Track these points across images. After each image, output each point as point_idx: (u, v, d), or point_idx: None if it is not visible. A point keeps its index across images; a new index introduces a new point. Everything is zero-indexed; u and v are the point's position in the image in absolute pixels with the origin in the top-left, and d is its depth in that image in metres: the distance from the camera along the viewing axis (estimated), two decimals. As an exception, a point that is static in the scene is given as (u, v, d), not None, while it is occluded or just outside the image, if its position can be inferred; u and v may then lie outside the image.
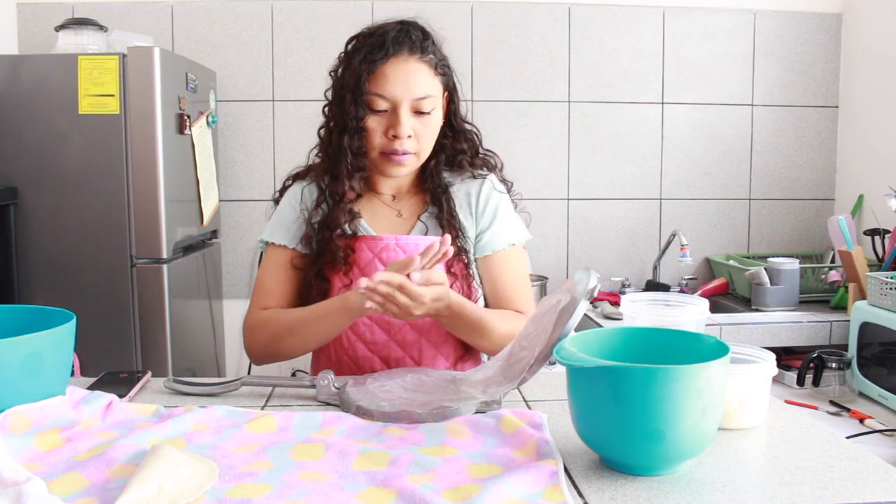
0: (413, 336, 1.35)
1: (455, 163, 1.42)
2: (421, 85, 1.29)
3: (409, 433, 0.96)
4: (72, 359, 1.05)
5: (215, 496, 0.78)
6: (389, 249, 1.34)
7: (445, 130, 1.40)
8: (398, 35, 1.29)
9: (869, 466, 0.87)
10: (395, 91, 1.28)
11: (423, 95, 1.29)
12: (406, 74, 1.28)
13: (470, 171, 1.43)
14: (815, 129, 2.90)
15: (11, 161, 2.09)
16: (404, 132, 1.29)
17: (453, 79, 1.38)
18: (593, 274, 1.04)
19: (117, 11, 2.62)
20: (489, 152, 1.46)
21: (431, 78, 1.32)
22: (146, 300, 2.14)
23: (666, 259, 2.79)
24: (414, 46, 1.29)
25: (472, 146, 1.43)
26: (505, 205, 1.45)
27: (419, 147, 1.32)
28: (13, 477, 0.75)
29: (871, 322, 1.97)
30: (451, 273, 1.36)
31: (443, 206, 1.38)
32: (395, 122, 1.29)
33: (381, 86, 1.28)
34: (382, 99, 1.28)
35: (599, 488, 0.82)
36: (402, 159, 1.31)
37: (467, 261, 1.38)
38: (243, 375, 1.19)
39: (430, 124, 1.32)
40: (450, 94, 1.38)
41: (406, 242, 1.35)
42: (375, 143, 1.31)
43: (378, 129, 1.30)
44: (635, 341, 0.97)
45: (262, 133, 2.73)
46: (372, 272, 1.32)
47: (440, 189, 1.40)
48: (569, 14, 2.78)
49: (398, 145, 1.30)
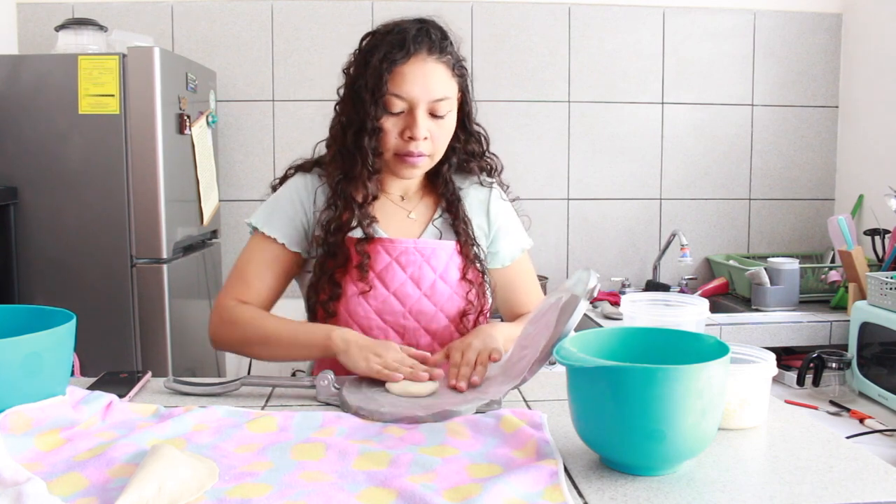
0: (427, 340, 1.34)
1: (465, 167, 1.41)
2: (439, 86, 1.27)
3: (409, 433, 0.96)
4: (72, 359, 1.05)
5: (215, 496, 0.78)
6: (408, 253, 1.32)
7: (458, 133, 1.37)
8: (418, 34, 1.26)
9: (869, 466, 0.87)
10: (413, 91, 1.25)
11: (441, 97, 1.27)
12: (424, 75, 1.26)
13: (478, 176, 1.42)
14: (815, 129, 2.90)
15: (11, 161, 2.09)
16: (420, 134, 1.26)
17: (468, 80, 1.36)
18: (593, 274, 1.04)
19: (117, 11, 2.62)
20: (492, 155, 1.45)
21: (449, 79, 1.29)
22: (146, 300, 2.13)
23: (666, 259, 2.79)
24: (433, 46, 1.27)
25: (480, 149, 1.42)
26: (512, 213, 1.47)
27: (434, 149, 1.30)
28: (13, 477, 0.75)
29: (871, 322, 1.97)
30: (467, 280, 1.35)
31: (458, 214, 1.37)
32: (412, 123, 1.26)
33: (399, 86, 1.25)
34: (400, 100, 1.26)
35: (599, 488, 0.82)
36: (416, 161, 1.29)
37: (482, 269, 1.38)
38: (243, 375, 1.19)
39: (445, 126, 1.30)
40: (463, 96, 1.36)
41: (424, 246, 1.33)
42: (390, 144, 1.28)
43: (394, 131, 1.28)
44: (635, 341, 0.97)
45: (262, 133, 2.73)
46: (388, 275, 1.31)
47: (454, 196, 1.39)
48: (569, 14, 2.78)
49: (413, 147, 1.27)
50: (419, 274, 1.32)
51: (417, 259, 1.32)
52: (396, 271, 1.31)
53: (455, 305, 1.34)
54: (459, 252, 1.36)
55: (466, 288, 1.35)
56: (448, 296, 1.33)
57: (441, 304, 1.33)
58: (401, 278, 1.31)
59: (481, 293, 1.37)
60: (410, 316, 1.32)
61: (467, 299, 1.35)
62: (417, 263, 1.32)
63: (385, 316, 1.31)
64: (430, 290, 1.32)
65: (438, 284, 1.33)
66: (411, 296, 1.31)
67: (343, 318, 1.31)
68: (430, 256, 1.33)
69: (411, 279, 1.31)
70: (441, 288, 1.33)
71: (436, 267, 1.33)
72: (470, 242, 1.36)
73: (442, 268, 1.33)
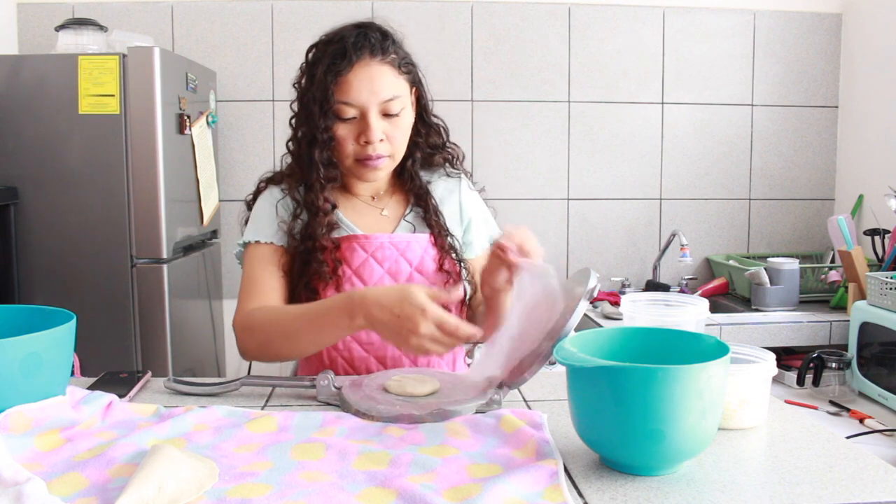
0: None
1: (429, 160, 1.43)
2: (386, 87, 1.27)
3: (409, 433, 0.96)
4: (72, 359, 1.05)
5: (215, 496, 0.78)
6: (384, 248, 1.34)
7: (418, 127, 1.39)
8: (357, 40, 1.27)
9: (869, 466, 0.87)
10: (361, 97, 1.26)
11: (390, 97, 1.28)
12: (370, 78, 1.26)
13: (444, 168, 1.45)
14: (815, 129, 2.90)
15: (11, 161, 2.09)
16: (375, 137, 1.27)
17: (418, 74, 1.37)
18: (593, 274, 1.04)
19: (117, 11, 2.62)
20: (453, 145, 1.46)
21: (396, 78, 1.30)
22: (146, 300, 2.13)
23: (666, 259, 2.79)
24: (375, 49, 1.27)
25: (441, 140, 1.44)
26: (481, 203, 1.50)
27: (393, 149, 1.31)
28: (13, 477, 0.75)
29: (870, 322, 1.97)
30: (444, 271, 1.36)
31: (428, 207, 1.39)
32: (365, 127, 1.27)
33: (346, 93, 1.26)
34: (350, 106, 1.27)
35: (599, 488, 0.82)
36: (376, 164, 1.30)
37: (457, 258, 1.39)
38: (243, 375, 1.19)
39: (400, 125, 1.31)
40: (418, 90, 1.37)
41: (399, 240, 1.35)
42: (348, 150, 1.30)
43: (349, 137, 1.29)
44: (635, 341, 0.97)
45: (262, 133, 2.73)
46: (366, 272, 1.32)
47: (423, 190, 1.41)
48: (569, 14, 2.78)
49: (371, 150, 1.28)
50: (396, 268, 1.33)
51: (393, 253, 1.33)
52: (374, 266, 1.32)
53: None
54: (434, 244, 1.38)
55: (444, 278, 1.36)
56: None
57: None
58: (378, 273, 1.33)
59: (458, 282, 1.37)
60: None
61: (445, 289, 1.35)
62: (393, 258, 1.34)
63: None
64: (407, 282, 1.33)
65: (415, 277, 1.34)
66: None
67: None
68: (405, 250, 1.34)
69: (388, 273, 1.33)
70: (417, 280, 1.34)
71: (411, 260, 1.35)
72: (444, 233, 1.38)
73: (417, 260, 1.35)
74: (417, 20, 2.72)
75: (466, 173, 1.50)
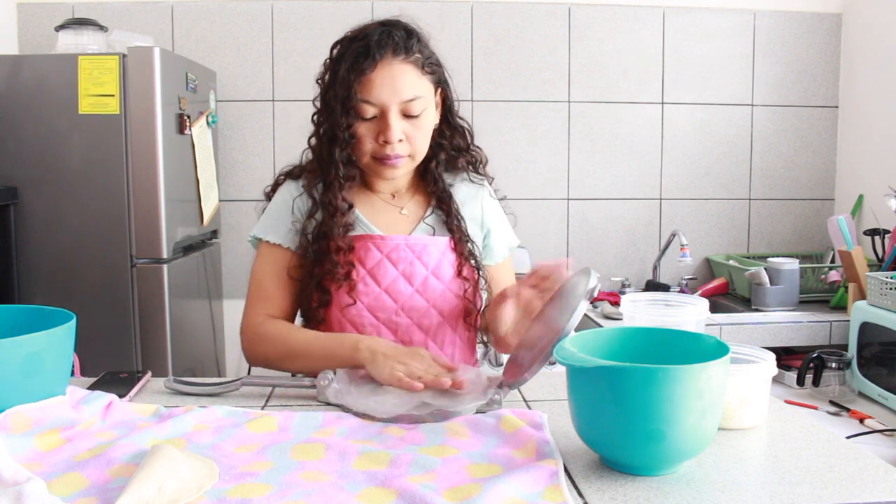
0: (420, 337, 1.34)
1: (453, 163, 1.42)
2: (408, 87, 1.26)
3: (409, 433, 0.96)
4: (72, 359, 1.05)
5: (215, 496, 0.78)
6: (399, 249, 1.32)
7: (443, 128, 1.38)
8: (381, 38, 1.26)
9: (869, 466, 0.87)
10: (382, 96, 1.25)
11: (412, 97, 1.26)
12: (392, 77, 1.25)
13: (466, 172, 1.43)
14: (815, 129, 2.90)
15: (11, 161, 2.09)
16: (394, 137, 1.26)
17: (444, 75, 1.35)
18: (593, 274, 1.04)
19: (117, 11, 2.62)
20: (477, 148, 1.45)
21: (418, 78, 1.28)
22: (146, 300, 2.13)
23: (666, 259, 2.79)
24: (398, 48, 1.26)
25: (465, 143, 1.43)
26: (501, 211, 1.49)
27: (412, 150, 1.30)
28: (13, 477, 0.75)
29: (870, 322, 1.97)
30: (463, 277, 1.35)
31: (450, 211, 1.38)
32: (385, 127, 1.26)
33: (368, 92, 1.25)
34: (370, 105, 1.26)
35: (599, 488, 0.82)
36: (394, 163, 1.29)
37: (476, 265, 1.38)
38: (243, 375, 1.19)
39: (421, 126, 1.30)
40: (444, 91, 1.36)
41: (415, 242, 1.33)
42: (367, 148, 1.29)
43: (368, 135, 1.28)
44: (635, 341, 0.97)
45: (262, 133, 2.73)
46: (380, 272, 1.31)
47: (445, 193, 1.39)
48: (569, 14, 2.78)
49: (389, 150, 1.27)
50: (411, 270, 1.32)
51: (409, 255, 1.32)
52: (388, 268, 1.31)
53: (448, 302, 1.34)
54: (453, 249, 1.36)
55: (462, 284, 1.35)
56: (440, 292, 1.33)
57: (433, 301, 1.33)
58: (392, 274, 1.31)
59: (475, 289, 1.37)
60: (403, 312, 1.32)
61: (464, 296, 1.35)
62: (409, 260, 1.32)
63: (377, 313, 1.31)
64: (422, 286, 1.32)
65: (430, 280, 1.33)
66: (403, 292, 1.31)
67: (335, 317, 1.31)
68: (421, 252, 1.33)
69: (403, 275, 1.32)
70: (433, 284, 1.33)
71: (427, 263, 1.33)
72: (465, 239, 1.37)
73: (434, 264, 1.34)
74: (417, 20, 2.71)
75: (489, 179, 1.48)
